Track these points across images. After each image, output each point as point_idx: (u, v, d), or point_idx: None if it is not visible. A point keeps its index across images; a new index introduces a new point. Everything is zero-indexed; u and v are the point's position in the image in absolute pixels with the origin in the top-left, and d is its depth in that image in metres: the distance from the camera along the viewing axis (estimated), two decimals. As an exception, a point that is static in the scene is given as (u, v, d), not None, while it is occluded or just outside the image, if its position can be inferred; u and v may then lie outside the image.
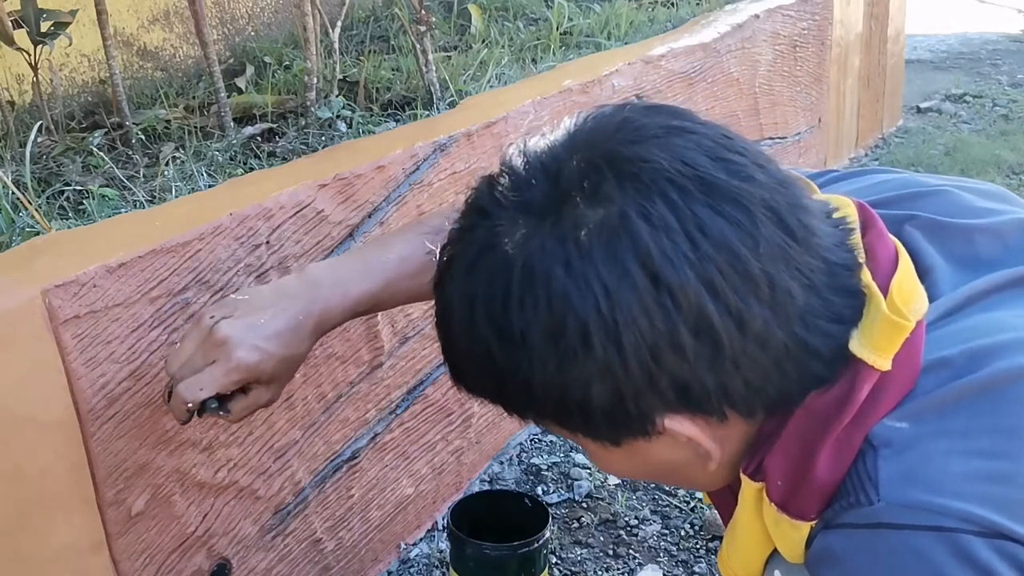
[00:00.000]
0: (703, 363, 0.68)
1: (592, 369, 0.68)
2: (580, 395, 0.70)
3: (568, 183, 0.70)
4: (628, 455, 0.76)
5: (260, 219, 1.19)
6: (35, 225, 1.25)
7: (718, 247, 0.66)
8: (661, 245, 0.66)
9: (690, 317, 0.66)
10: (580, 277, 0.67)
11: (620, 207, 0.67)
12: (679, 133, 0.71)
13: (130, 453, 1.08)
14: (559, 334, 0.68)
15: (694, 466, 0.78)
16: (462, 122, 1.53)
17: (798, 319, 0.69)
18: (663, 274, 0.66)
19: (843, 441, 0.72)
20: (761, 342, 0.68)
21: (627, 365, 0.68)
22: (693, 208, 0.67)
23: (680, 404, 0.70)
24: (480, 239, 0.73)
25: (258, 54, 2.36)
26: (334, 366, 1.36)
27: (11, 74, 1.98)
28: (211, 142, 1.73)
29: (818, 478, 0.72)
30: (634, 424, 0.72)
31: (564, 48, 2.41)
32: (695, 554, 1.57)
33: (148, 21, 2.27)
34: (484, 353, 0.72)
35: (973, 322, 0.75)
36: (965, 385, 0.71)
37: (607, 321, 0.67)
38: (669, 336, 0.67)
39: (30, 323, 0.96)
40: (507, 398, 0.76)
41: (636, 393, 0.69)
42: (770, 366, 0.70)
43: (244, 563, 1.28)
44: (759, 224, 0.68)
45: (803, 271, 0.70)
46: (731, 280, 0.67)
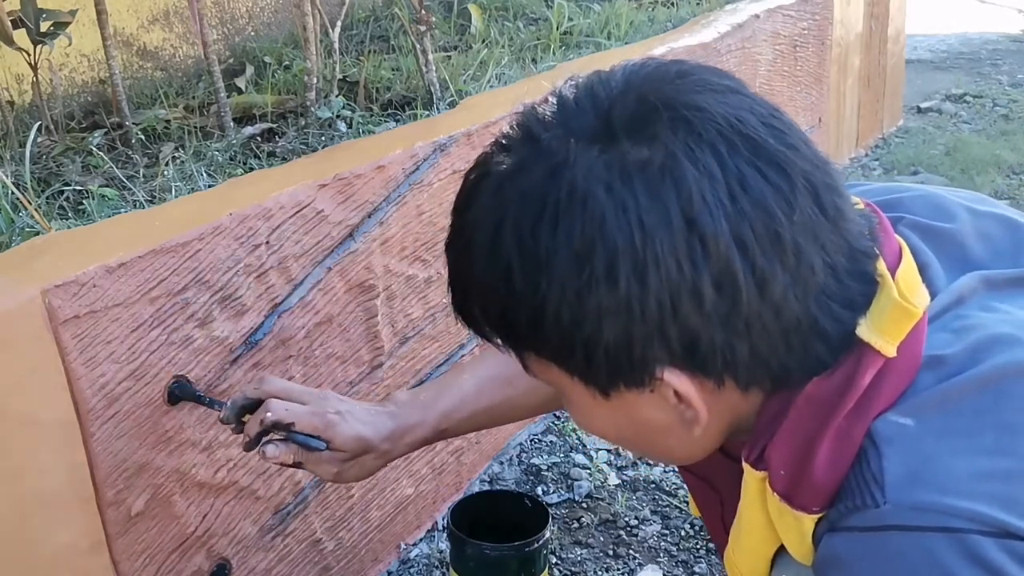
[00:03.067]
0: (717, 319, 0.68)
1: (610, 302, 0.67)
2: (590, 330, 0.69)
3: (620, 119, 0.69)
4: (614, 409, 0.76)
5: (260, 219, 1.19)
6: (35, 225, 1.24)
7: (755, 205, 0.67)
8: (702, 192, 0.66)
9: (716, 268, 0.66)
10: (620, 204, 0.67)
11: (669, 148, 0.67)
12: (734, 93, 0.71)
13: (130, 453, 1.08)
14: (586, 259, 0.67)
15: (675, 432, 0.77)
16: (462, 122, 1.53)
17: (814, 296, 0.70)
18: (699, 220, 0.66)
19: (843, 433, 0.72)
20: (776, 310, 0.68)
21: (646, 305, 0.67)
22: (738, 164, 0.67)
23: (684, 359, 0.70)
24: (516, 159, 0.72)
25: (258, 54, 2.36)
26: (334, 366, 1.36)
27: (11, 74, 1.98)
28: (211, 142, 1.73)
29: (818, 471, 0.72)
30: (634, 371, 0.71)
31: (564, 48, 2.41)
32: (695, 554, 1.57)
33: (148, 21, 2.27)
34: (502, 275, 0.71)
35: (970, 318, 0.76)
36: (966, 381, 0.71)
37: (637, 255, 0.66)
38: (692, 283, 0.66)
39: (30, 323, 0.96)
40: (512, 327, 0.74)
41: (646, 337, 0.69)
42: (778, 337, 0.70)
43: (244, 563, 1.28)
44: (797, 193, 0.68)
45: (828, 250, 0.70)
46: (762, 241, 0.67)
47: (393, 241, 1.41)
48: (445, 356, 1.58)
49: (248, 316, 1.19)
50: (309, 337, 1.29)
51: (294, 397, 1.05)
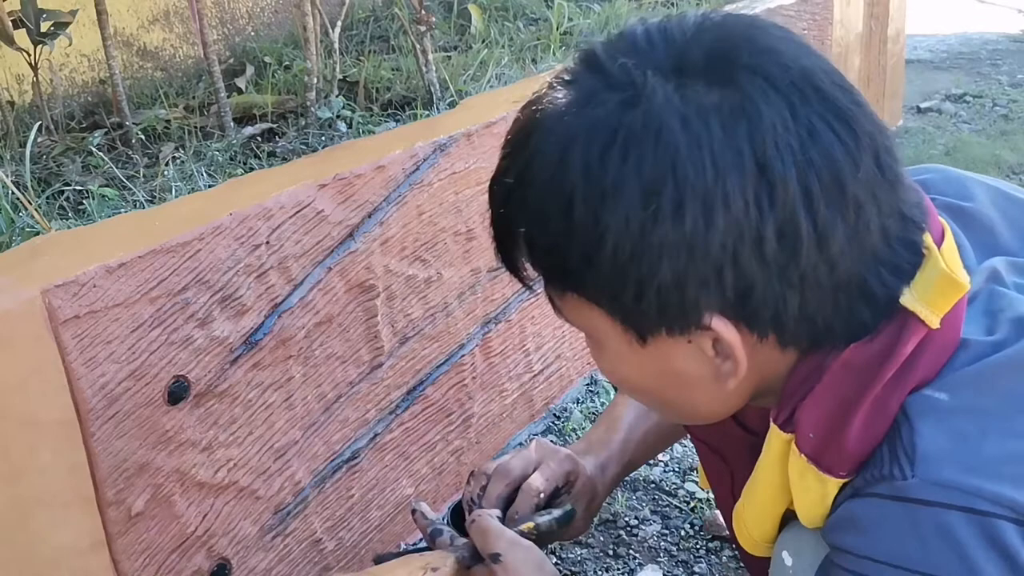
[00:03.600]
0: (775, 268, 0.67)
1: (674, 238, 0.66)
2: (648, 266, 0.68)
3: (696, 59, 0.69)
4: (648, 357, 0.75)
5: (260, 219, 1.19)
6: (35, 225, 1.25)
7: (823, 157, 0.67)
8: (776, 138, 0.66)
9: (781, 215, 0.66)
10: (695, 140, 0.66)
11: (746, 92, 0.67)
12: (804, 47, 0.72)
13: (130, 453, 1.08)
14: (655, 192, 0.66)
15: (705, 386, 0.76)
16: (462, 122, 1.53)
17: (867, 257, 0.70)
18: (771, 166, 0.66)
19: (880, 403, 0.71)
20: (832, 265, 0.68)
21: (709, 245, 0.66)
22: (808, 115, 0.67)
23: (734, 307, 0.69)
24: (584, 88, 0.71)
25: (258, 54, 2.36)
26: (334, 366, 1.36)
27: (11, 74, 1.98)
28: (211, 142, 1.73)
29: (851, 437, 0.72)
30: (682, 315, 0.70)
31: (564, 48, 2.41)
32: (695, 554, 1.57)
33: (148, 21, 2.27)
34: (563, 204, 0.69)
35: (1005, 298, 0.76)
36: (1002, 361, 0.71)
37: (707, 193, 0.66)
38: (757, 229, 0.66)
39: (30, 323, 0.96)
40: (562, 262, 0.72)
41: (702, 279, 0.68)
42: (828, 294, 0.69)
43: (244, 563, 1.28)
44: (861, 150, 0.68)
45: (883, 212, 0.70)
46: (827, 192, 0.67)
47: (393, 241, 1.41)
48: (445, 356, 1.58)
49: (248, 316, 1.19)
50: (309, 337, 1.29)
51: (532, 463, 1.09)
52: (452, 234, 1.52)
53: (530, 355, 1.82)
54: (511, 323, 1.74)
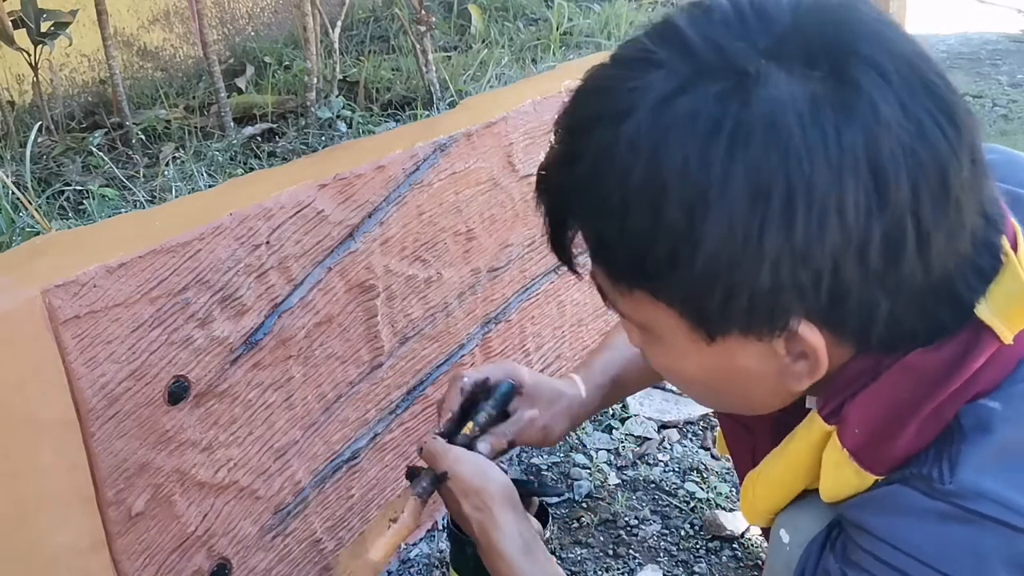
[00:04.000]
0: (875, 276, 0.63)
1: (781, 246, 0.61)
2: (744, 274, 0.62)
3: (798, 44, 0.63)
4: (712, 355, 0.70)
5: (260, 219, 1.19)
6: (35, 225, 1.25)
7: (931, 156, 0.62)
8: (889, 136, 0.61)
9: (889, 222, 0.61)
10: (810, 137, 0.60)
11: (859, 84, 0.61)
12: (902, 33, 0.66)
13: (130, 453, 1.08)
14: (763, 194, 0.60)
15: (767, 382, 0.72)
16: (462, 122, 1.53)
17: (958, 258, 0.66)
18: (884, 168, 0.61)
19: (938, 413, 0.69)
20: (927, 269, 0.64)
21: (815, 254, 0.61)
22: (917, 111, 0.62)
23: (825, 313, 0.65)
24: (677, 69, 0.64)
25: (258, 54, 2.36)
26: (334, 366, 1.36)
27: (11, 74, 1.98)
28: (211, 142, 1.73)
29: (903, 443, 0.70)
30: (771, 319, 0.65)
31: (564, 48, 2.41)
32: (695, 554, 1.57)
33: (148, 21, 2.27)
34: (652, 202, 0.63)
35: None
36: None
37: (823, 199, 0.60)
38: (864, 236, 0.61)
39: (30, 323, 0.96)
40: (639, 260, 0.66)
41: (800, 288, 0.63)
42: (918, 298, 0.65)
43: (244, 563, 1.28)
44: (963, 146, 0.63)
45: (975, 211, 0.66)
46: (933, 195, 0.62)
47: (393, 241, 1.41)
48: (445, 356, 1.58)
49: (248, 316, 1.19)
50: (309, 337, 1.29)
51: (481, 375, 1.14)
52: (452, 234, 1.52)
53: (530, 355, 1.82)
54: (511, 323, 1.73)
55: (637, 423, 1.87)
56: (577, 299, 1.91)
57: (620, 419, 1.89)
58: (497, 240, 1.64)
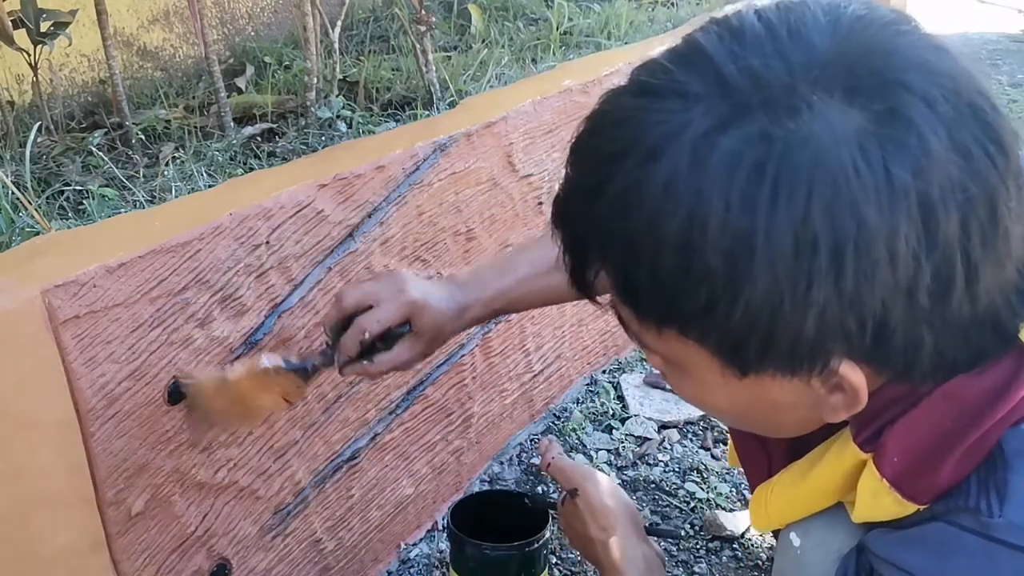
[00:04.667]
0: (922, 315, 0.59)
1: (828, 297, 0.57)
2: (787, 323, 0.59)
3: (840, 71, 0.59)
4: (743, 389, 0.67)
5: (260, 219, 1.19)
6: (35, 225, 1.25)
7: (981, 188, 0.58)
8: (938, 174, 0.57)
9: (940, 261, 0.58)
10: (858, 177, 0.56)
11: (905, 116, 0.57)
12: (947, 53, 0.62)
13: (130, 453, 1.08)
14: (810, 243, 0.56)
15: (799, 412, 0.70)
16: (462, 122, 1.53)
17: (1004, 287, 0.63)
18: (934, 206, 0.57)
19: (982, 441, 0.67)
20: (974, 302, 0.60)
21: (864, 301, 0.57)
22: (965, 139, 0.58)
23: (868, 352, 0.61)
24: (719, 108, 0.59)
25: (258, 54, 2.36)
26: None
27: (11, 74, 1.98)
28: (211, 142, 1.73)
29: (946, 473, 0.67)
30: (811, 361, 0.62)
31: (564, 48, 2.41)
32: (695, 554, 1.57)
33: (148, 21, 2.27)
34: (691, 245, 0.58)
35: None
36: None
37: (872, 246, 0.56)
38: (913, 277, 0.58)
39: (30, 323, 0.96)
40: (672, 304, 0.62)
41: (847, 333, 0.59)
42: (963, 331, 0.62)
43: (244, 563, 1.28)
44: (1011, 171, 0.60)
45: (1021, 233, 0.62)
46: (982, 229, 0.58)
47: (393, 241, 1.41)
48: (445, 356, 1.58)
49: (248, 316, 1.19)
50: (309, 337, 1.29)
51: (372, 298, 1.05)
52: (452, 234, 1.52)
53: (530, 355, 1.82)
54: (511, 323, 1.74)
55: (637, 423, 1.87)
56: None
57: (620, 419, 1.89)
58: (497, 240, 1.64)
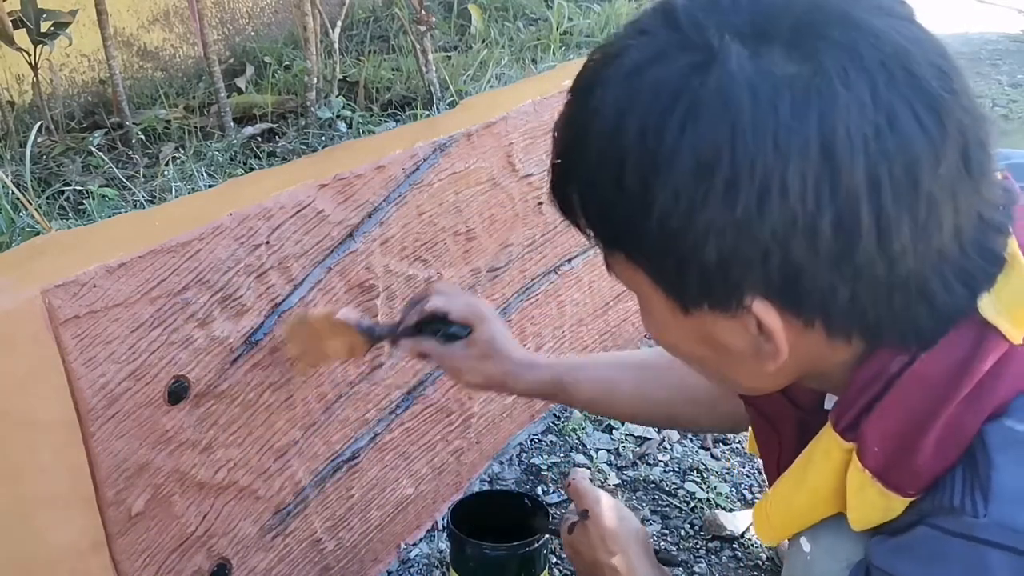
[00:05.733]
0: (827, 259, 0.63)
1: (722, 221, 0.63)
2: (692, 244, 0.65)
3: (780, 25, 0.64)
4: (692, 327, 0.72)
5: (260, 219, 1.19)
6: (35, 225, 1.25)
7: (900, 147, 0.62)
8: (848, 123, 0.61)
9: (841, 207, 0.62)
10: (760, 117, 0.61)
11: (824, 68, 0.62)
12: (908, 22, 0.66)
13: (130, 453, 1.08)
14: (709, 169, 0.62)
15: (748, 362, 0.73)
16: (462, 122, 1.53)
17: (931, 257, 0.65)
18: (838, 154, 0.61)
19: (955, 423, 0.68)
20: (891, 262, 0.64)
21: (757, 232, 0.63)
22: (892, 99, 0.62)
23: (780, 292, 0.66)
24: (654, 44, 0.66)
25: (258, 54, 2.36)
26: (334, 366, 1.36)
27: (11, 74, 1.98)
28: (211, 142, 1.73)
29: (923, 457, 0.68)
30: (724, 295, 0.67)
31: (564, 48, 2.41)
32: (695, 554, 1.57)
33: (148, 21, 2.28)
34: (615, 168, 0.66)
35: None
36: None
37: (765, 177, 0.61)
38: (811, 218, 0.62)
39: (30, 323, 0.96)
40: (610, 223, 0.70)
41: (747, 263, 0.64)
42: (884, 290, 0.65)
43: (244, 563, 1.28)
44: (947, 143, 0.63)
45: (960, 212, 0.65)
46: (897, 186, 0.62)
47: (393, 241, 1.41)
48: (445, 356, 1.58)
49: (248, 316, 1.19)
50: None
51: (453, 294, 1.18)
52: (452, 234, 1.52)
53: (530, 355, 1.82)
54: (511, 323, 1.74)
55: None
56: (577, 299, 1.91)
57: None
58: (497, 240, 1.64)
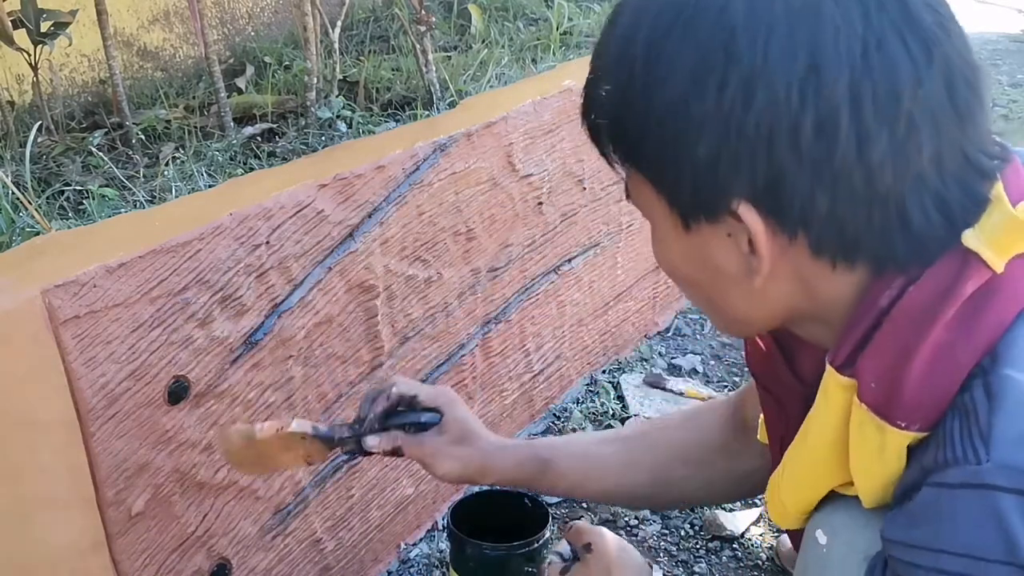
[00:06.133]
0: (808, 163, 0.68)
1: (711, 114, 0.69)
2: (687, 139, 0.70)
3: None
4: (691, 246, 0.77)
5: (260, 219, 1.19)
6: (35, 225, 1.25)
7: (884, 67, 0.67)
8: (836, 40, 0.67)
9: (822, 110, 0.67)
10: (753, 24, 0.68)
11: None
12: None
13: (130, 453, 1.08)
14: (704, 68, 0.69)
15: (740, 284, 0.77)
16: (462, 122, 1.53)
17: (911, 179, 0.69)
18: (823, 67, 0.66)
19: (945, 347, 0.69)
20: (869, 174, 0.68)
21: (744, 126, 0.68)
22: (882, 24, 0.67)
23: (764, 197, 0.70)
24: None
25: (258, 54, 2.36)
26: (334, 366, 1.36)
27: (11, 74, 1.98)
28: (211, 142, 1.73)
29: (911, 382, 0.70)
30: (715, 196, 0.72)
31: (564, 48, 2.41)
32: (695, 554, 1.57)
33: (148, 21, 2.28)
34: (625, 77, 0.73)
35: None
36: None
37: (753, 74, 0.67)
38: (795, 117, 0.67)
39: (30, 323, 0.96)
40: (624, 134, 0.76)
41: (734, 158, 0.69)
42: (862, 204, 0.69)
43: (244, 563, 1.28)
44: (932, 71, 0.67)
45: (942, 142, 0.69)
46: (878, 100, 0.67)
47: (393, 241, 1.41)
48: (445, 356, 1.58)
49: (248, 316, 1.19)
50: (309, 337, 1.29)
51: (416, 386, 1.12)
52: (452, 234, 1.53)
53: (530, 355, 1.82)
54: (511, 323, 1.74)
55: (637, 423, 1.87)
56: (577, 299, 1.91)
57: (620, 419, 1.89)
58: (497, 240, 1.64)
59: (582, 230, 1.88)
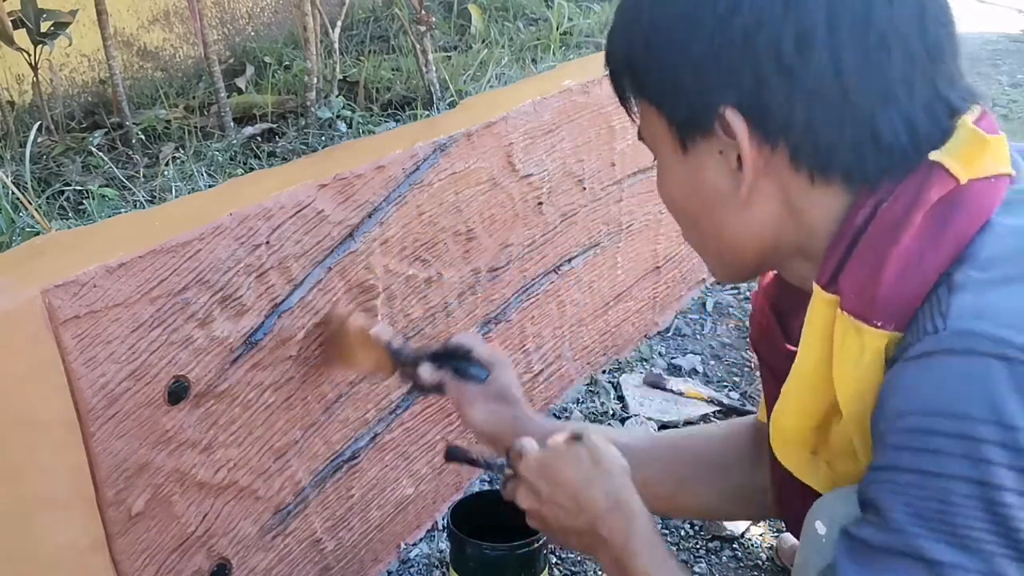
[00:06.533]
0: (787, 74, 0.75)
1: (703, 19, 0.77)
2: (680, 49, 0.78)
3: None
4: (688, 169, 0.84)
5: (260, 219, 1.19)
6: (35, 225, 1.25)
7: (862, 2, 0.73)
8: None
9: (802, 22, 0.74)
10: None
11: None
12: None
13: (130, 453, 1.08)
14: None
15: (730, 205, 0.83)
16: (462, 122, 1.53)
17: (881, 97, 0.75)
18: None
19: (914, 255, 0.74)
20: (844, 89, 0.75)
21: (731, 34, 0.76)
22: None
23: (747, 105, 0.77)
24: None
25: (258, 54, 2.36)
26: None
27: (11, 74, 1.98)
28: (211, 142, 1.73)
29: (885, 284, 0.75)
30: (704, 104, 0.79)
31: (564, 48, 2.41)
32: (695, 554, 1.57)
33: (148, 21, 2.28)
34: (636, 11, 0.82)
35: None
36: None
37: None
38: (777, 27, 0.74)
39: (30, 323, 0.96)
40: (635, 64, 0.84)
41: (721, 66, 0.77)
42: (834, 117, 0.76)
43: (244, 563, 1.28)
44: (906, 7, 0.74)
45: (914, 68, 0.75)
46: (854, 19, 0.74)
47: (393, 241, 1.41)
48: (445, 356, 1.58)
49: (248, 316, 1.19)
50: (309, 337, 1.29)
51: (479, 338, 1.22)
52: (452, 234, 1.53)
53: (530, 355, 1.82)
54: (511, 323, 1.74)
55: (637, 423, 1.87)
56: (577, 299, 1.91)
57: (620, 419, 1.89)
58: (497, 240, 1.64)
59: (582, 230, 1.88)
